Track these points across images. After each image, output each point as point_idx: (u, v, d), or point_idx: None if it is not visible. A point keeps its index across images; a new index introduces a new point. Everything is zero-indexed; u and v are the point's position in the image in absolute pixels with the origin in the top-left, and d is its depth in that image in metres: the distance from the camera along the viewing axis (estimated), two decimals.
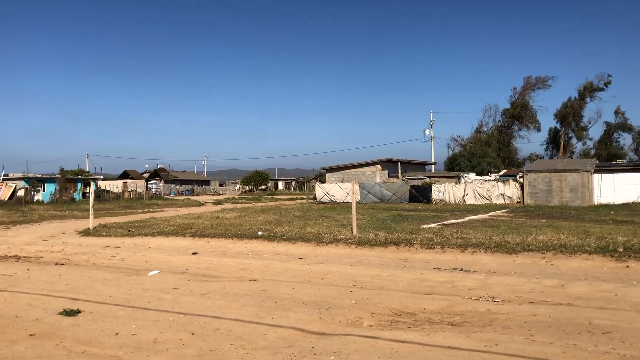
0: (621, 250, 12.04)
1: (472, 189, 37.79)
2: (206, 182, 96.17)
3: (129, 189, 66.34)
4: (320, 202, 42.00)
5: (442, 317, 7.39)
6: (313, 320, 7.34)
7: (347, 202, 38.95)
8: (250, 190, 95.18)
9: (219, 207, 39.37)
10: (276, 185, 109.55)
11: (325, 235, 16.19)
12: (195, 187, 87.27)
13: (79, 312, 7.89)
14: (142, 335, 6.71)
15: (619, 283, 9.41)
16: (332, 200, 41.89)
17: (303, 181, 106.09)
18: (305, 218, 24.44)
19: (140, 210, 37.93)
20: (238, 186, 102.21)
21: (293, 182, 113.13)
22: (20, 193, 47.66)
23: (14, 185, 48.34)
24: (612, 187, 34.37)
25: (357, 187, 40.04)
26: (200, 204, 46.05)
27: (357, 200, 38.62)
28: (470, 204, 36.21)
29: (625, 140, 72.82)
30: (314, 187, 47.75)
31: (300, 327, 6.95)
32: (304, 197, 55.84)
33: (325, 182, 47.82)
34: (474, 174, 49.60)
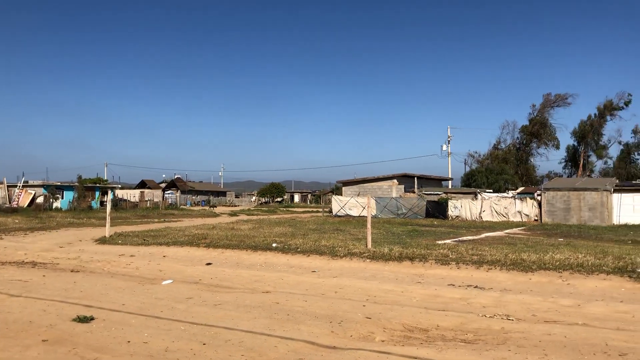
0: (639, 271, 11.83)
1: (488, 205, 37.47)
2: (222, 193, 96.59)
3: (146, 199, 66.89)
4: (336, 216, 41.93)
5: (456, 334, 7.30)
6: (325, 333, 7.30)
7: (363, 216, 38.84)
8: (266, 202, 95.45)
9: (234, 219, 39.49)
10: (292, 198, 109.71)
11: (340, 249, 16.14)
12: (211, 197, 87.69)
13: (92, 319, 7.94)
14: (153, 343, 6.73)
15: (637, 304, 9.23)
16: (347, 214, 41.80)
17: (319, 194, 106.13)
18: (320, 231, 24.41)
19: (156, 220, 38.20)
20: (254, 198, 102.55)
21: (309, 195, 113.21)
22: (40, 200, 48.32)
23: (33, 192, 49.02)
24: (631, 207, 33.84)
25: (373, 201, 39.92)
26: (215, 215, 46.26)
27: (373, 214, 38.49)
28: (486, 221, 35.89)
29: None
30: (330, 200, 47.71)
31: (311, 341, 6.91)
32: (320, 210, 55.82)
33: (341, 195, 47.76)
34: (491, 190, 49.19)
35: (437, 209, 39.04)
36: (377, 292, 10.49)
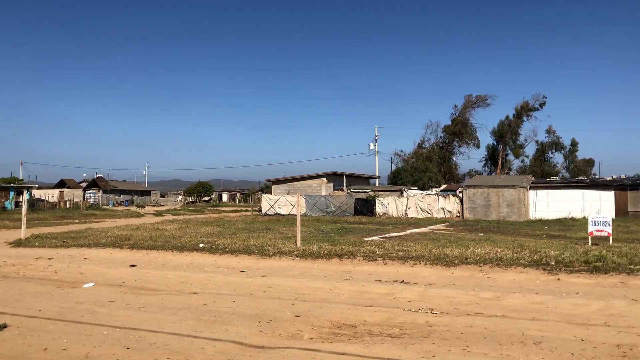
0: (553, 263, 12.55)
1: (414, 202, 38.54)
2: (147, 193, 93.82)
3: (66, 199, 63.89)
4: (266, 215, 41.76)
5: (382, 329, 7.46)
6: (253, 333, 7.25)
7: (293, 214, 38.92)
8: (193, 202, 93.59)
9: (159, 219, 38.46)
10: (220, 197, 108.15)
11: (269, 248, 16.09)
12: (135, 197, 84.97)
13: (5, 326, 7.48)
14: (73, 350, 6.44)
15: (551, 295, 9.78)
16: (277, 213, 41.73)
17: (248, 193, 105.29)
18: (249, 230, 24.24)
19: (77, 221, 36.58)
20: (180, 197, 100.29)
21: (238, 194, 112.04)
22: None
23: None
24: (546, 203, 35.86)
25: (302, 200, 40.07)
26: (140, 215, 44.88)
27: (303, 212, 38.64)
28: (412, 218, 36.91)
29: (557, 158, 76.21)
30: (259, 199, 47.47)
31: (239, 341, 6.85)
32: (249, 209, 55.37)
33: (271, 194, 47.61)
34: (416, 188, 50.59)
35: (365, 207, 39.73)
36: (306, 290, 10.54)
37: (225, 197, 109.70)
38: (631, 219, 32.02)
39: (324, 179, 47.25)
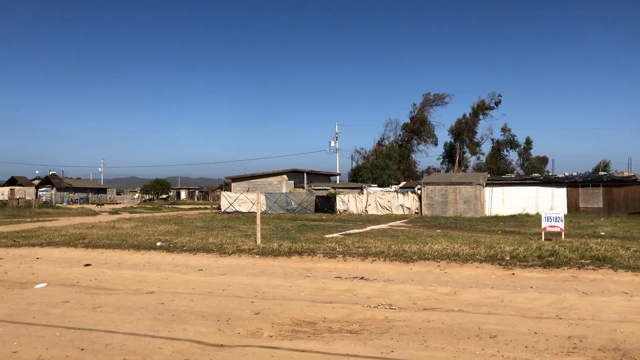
0: (508, 258, 12.87)
1: (374, 200, 38.87)
2: (103, 190, 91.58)
3: (17, 197, 61.80)
4: (225, 212, 41.37)
5: (342, 326, 7.49)
6: (212, 332, 7.17)
7: (253, 212, 38.67)
8: (150, 200, 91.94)
9: (115, 217, 37.62)
10: (178, 195, 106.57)
11: (228, 246, 15.95)
12: (90, 195, 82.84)
13: None
14: (24, 353, 6.23)
15: (506, 289, 10.02)
16: (237, 211, 41.40)
17: (207, 190, 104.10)
18: (208, 228, 23.97)
19: (29, 219, 35.40)
20: (137, 195, 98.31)
21: (197, 192, 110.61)
22: None
23: None
24: (501, 199, 36.72)
25: (262, 197, 39.87)
26: (95, 213, 43.77)
27: (263, 210, 38.45)
28: (372, 214, 37.22)
29: (512, 156, 78.12)
30: (218, 197, 47.00)
31: (198, 340, 6.76)
32: (208, 207, 54.76)
33: (230, 191, 47.20)
34: (376, 185, 51.05)
35: (326, 204, 39.85)
36: (266, 287, 10.50)
37: (183, 194, 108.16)
38: (582, 215, 33.12)
39: (285, 176, 47.14)
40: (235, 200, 42.32)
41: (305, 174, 49.09)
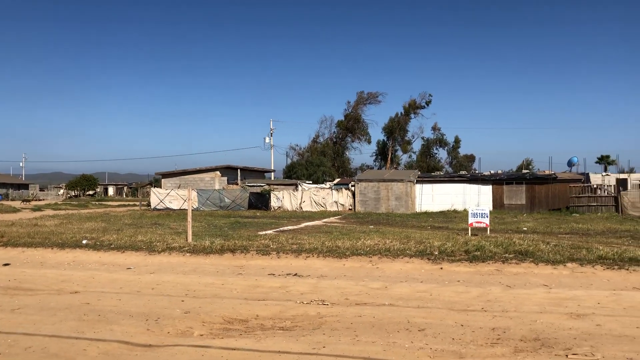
0: (437, 253, 13.24)
1: (308, 196, 39.01)
2: (24, 186, 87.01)
3: None
4: (155, 209, 40.28)
5: (274, 323, 7.45)
6: (140, 332, 6.95)
7: (184, 209, 37.85)
8: (76, 196, 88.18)
9: (38, 214, 35.81)
10: (106, 191, 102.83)
11: (158, 244, 15.53)
12: (10, 191, 78.49)
13: None
14: None
15: (434, 283, 10.31)
16: (168, 207, 40.41)
17: (137, 187, 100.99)
18: (137, 226, 23.25)
19: None
20: (62, 191, 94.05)
21: (125, 188, 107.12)
22: None
23: None
24: (431, 196, 37.77)
25: (194, 194, 39.14)
26: (16, 210, 41.50)
27: (195, 207, 37.74)
28: (306, 211, 37.33)
29: (442, 154, 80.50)
30: (148, 193, 45.70)
31: (125, 340, 6.54)
32: (137, 203, 53.13)
33: (161, 188, 45.99)
34: (311, 182, 51.26)
35: (260, 201, 39.60)
36: (197, 286, 10.30)
37: (111, 191, 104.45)
38: (506, 211, 34.62)
39: (218, 172, 46.46)
40: (166, 196, 41.31)
41: (239, 170, 48.59)
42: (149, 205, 42.77)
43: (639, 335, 6.62)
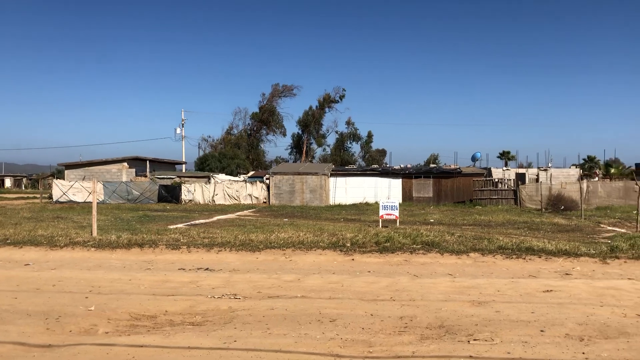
0: (349, 245, 13.50)
1: (221, 189, 38.44)
2: None
3: None
4: (58, 202, 38.11)
5: (184, 318, 7.28)
6: (39, 332, 6.56)
7: (89, 201, 36.10)
8: None
9: None
10: (2, 183, 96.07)
11: (60, 238, 14.71)
12: None
13: None
14: None
15: (346, 275, 10.50)
16: (71, 200, 38.37)
17: (37, 178, 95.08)
18: (37, 219, 21.90)
19: None
20: None
21: (25, 179, 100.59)
22: None
23: None
24: (344, 189, 38.43)
25: (100, 186, 37.46)
26: None
27: (101, 200, 36.13)
28: (219, 204, 36.78)
29: (355, 148, 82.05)
30: (50, 185, 43.16)
31: (21, 342, 6.14)
32: (38, 196, 50.02)
33: (64, 179, 43.58)
34: (224, 174, 50.53)
35: (171, 193, 38.53)
36: (102, 282, 9.85)
37: (8, 182, 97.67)
38: (415, 204, 35.92)
39: (125, 163, 44.69)
40: (70, 189, 39.22)
41: (148, 161, 46.99)
42: (50, 197, 40.41)
43: (534, 319, 7.09)
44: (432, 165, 46.77)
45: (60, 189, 39.33)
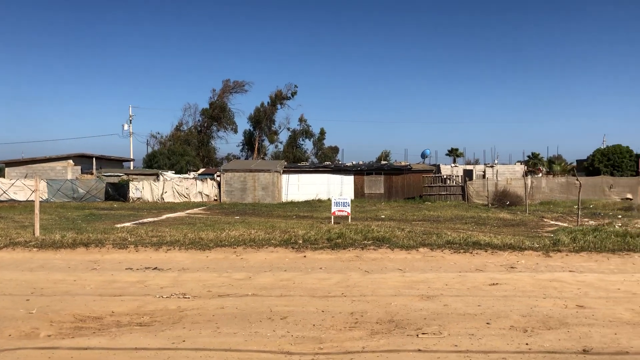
0: (301, 242, 13.50)
1: (170, 187, 37.76)
2: None
3: None
4: None
5: (132, 319, 7.11)
6: None
7: (32, 200, 34.77)
8: None
9: None
10: None
11: (0, 239, 14.10)
12: None
13: None
14: None
15: (298, 272, 10.49)
16: (12, 199, 36.86)
17: None
18: None
19: None
20: None
21: None
22: None
23: None
24: (297, 186, 38.44)
25: (44, 184, 36.16)
26: None
27: (45, 198, 34.90)
28: (168, 202, 36.11)
29: (308, 145, 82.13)
30: None
31: None
32: None
33: (4, 177, 41.81)
34: (174, 172, 49.64)
35: (118, 191, 37.56)
36: (45, 283, 9.50)
37: None
38: (367, 200, 36.27)
39: (70, 161, 43.28)
40: (10, 187, 37.66)
41: (94, 159, 45.69)
42: None
43: (480, 312, 7.27)
44: (383, 162, 47.31)
45: (0, 188, 37.73)
